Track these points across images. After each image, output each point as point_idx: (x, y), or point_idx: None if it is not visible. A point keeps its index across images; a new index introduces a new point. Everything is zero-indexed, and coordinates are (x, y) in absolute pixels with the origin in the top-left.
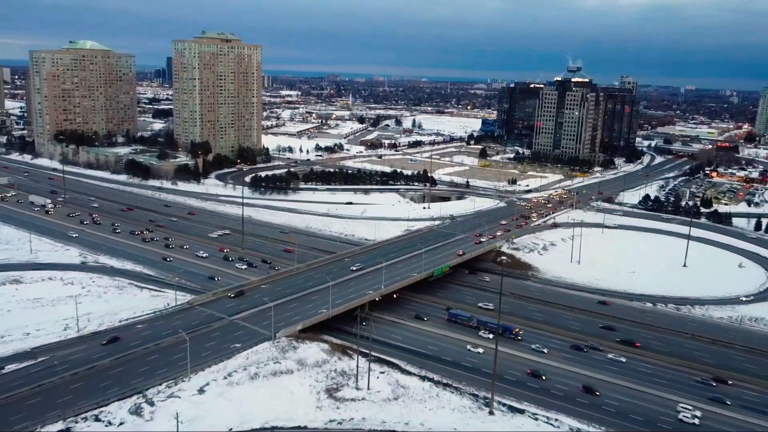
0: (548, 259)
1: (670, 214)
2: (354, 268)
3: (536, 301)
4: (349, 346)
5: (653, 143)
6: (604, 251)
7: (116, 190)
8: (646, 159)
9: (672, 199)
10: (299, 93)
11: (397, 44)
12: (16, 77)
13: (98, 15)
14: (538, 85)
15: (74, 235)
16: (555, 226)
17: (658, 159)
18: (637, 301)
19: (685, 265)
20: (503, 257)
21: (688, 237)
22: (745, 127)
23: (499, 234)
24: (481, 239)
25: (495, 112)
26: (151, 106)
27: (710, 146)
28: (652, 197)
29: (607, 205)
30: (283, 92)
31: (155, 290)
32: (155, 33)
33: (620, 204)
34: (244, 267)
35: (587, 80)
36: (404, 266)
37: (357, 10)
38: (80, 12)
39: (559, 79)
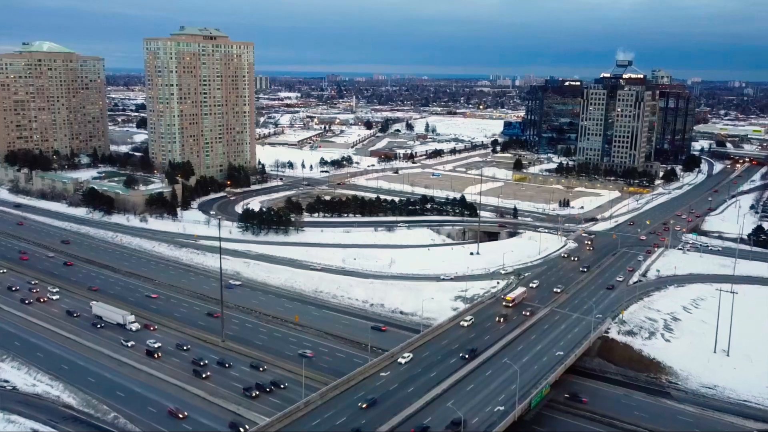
0: (680, 349)
1: None
2: None
3: None
4: None
5: (704, 146)
6: (750, 327)
7: (67, 231)
8: (704, 167)
9: None
10: (298, 95)
11: (394, 42)
12: None
13: (82, 18)
14: (573, 83)
15: None
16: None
17: (718, 166)
18: None
19: None
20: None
21: None
22: None
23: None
24: (589, 318)
25: (509, 111)
26: (137, 114)
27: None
28: (758, 225)
29: (705, 239)
30: (282, 94)
31: None
32: (147, 34)
33: (720, 236)
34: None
35: (641, 76)
36: (477, 387)
37: (352, 7)
38: (59, 15)
39: (607, 75)
